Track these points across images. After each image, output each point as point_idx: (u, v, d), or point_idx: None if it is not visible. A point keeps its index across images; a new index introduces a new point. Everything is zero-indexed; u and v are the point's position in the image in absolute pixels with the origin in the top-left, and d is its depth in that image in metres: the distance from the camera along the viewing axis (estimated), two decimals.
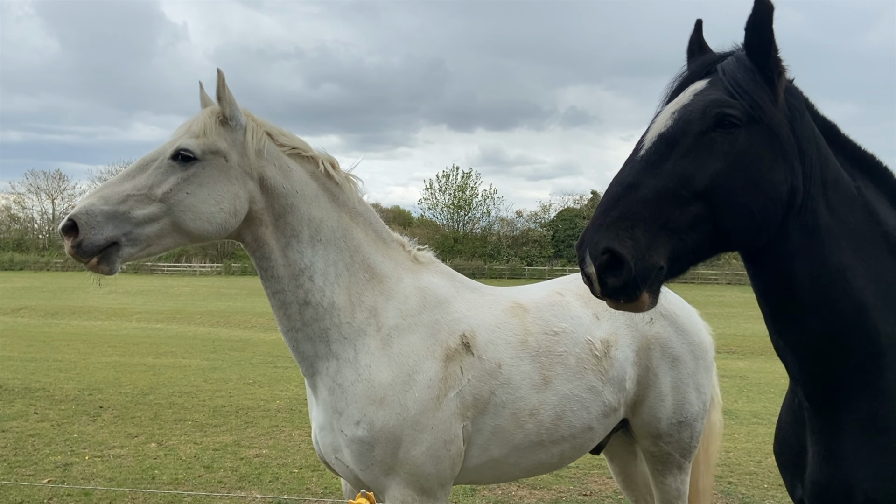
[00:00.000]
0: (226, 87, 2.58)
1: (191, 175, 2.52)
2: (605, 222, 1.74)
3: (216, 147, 2.56)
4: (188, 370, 12.92)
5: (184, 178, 2.52)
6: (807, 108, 1.99)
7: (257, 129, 2.64)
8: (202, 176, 2.53)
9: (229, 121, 2.61)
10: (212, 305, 30.78)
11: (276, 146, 2.69)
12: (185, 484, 6.03)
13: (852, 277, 1.95)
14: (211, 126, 2.58)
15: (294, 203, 2.69)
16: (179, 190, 2.51)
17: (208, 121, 2.59)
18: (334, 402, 2.79)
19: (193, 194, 2.51)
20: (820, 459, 2.07)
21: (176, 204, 2.50)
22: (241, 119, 2.63)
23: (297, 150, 2.75)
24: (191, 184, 2.52)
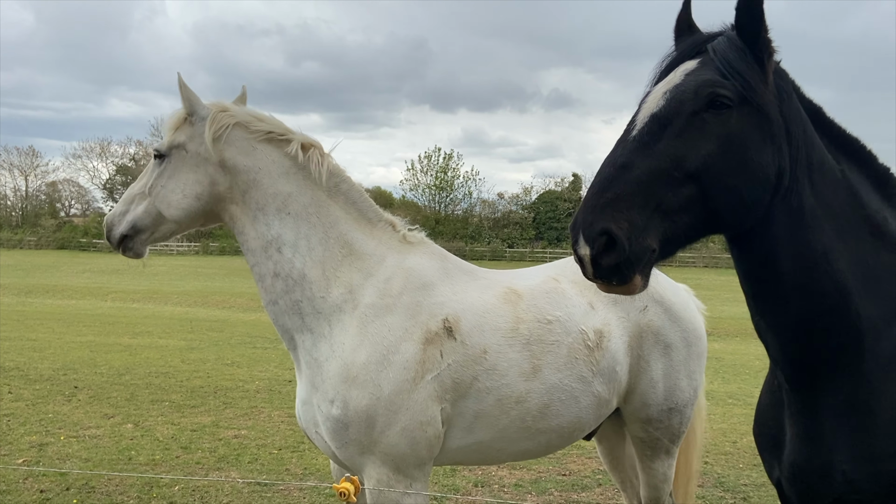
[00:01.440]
0: (184, 87, 2.91)
1: (163, 170, 2.92)
2: (598, 203, 1.71)
3: (177, 142, 2.91)
4: (165, 350, 12.80)
5: (159, 174, 2.93)
6: (794, 91, 1.98)
7: (219, 119, 2.87)
8: (170, 168, 2.91)
9: (190, 116, 2.92)
10: (189, 285, 30.49)
11: (243, 131, 2.89)
12: (162, 465, 5.98)
13: (835, 260, 1.95)
14: (175, 123, 2.94)
15: (256, 178, 2.87)
16: (157, 184, 2.92)
17: (173, 119, 2.96)
18: (312, 377, 2.85)
19: (165, 186, 2.91)
20: (798, 440, 2.09)
21: (156, 196, 2.91)
22: (203, 112, 2.90)
23: (272, 133, 2.91)
24: (163, 177, 2.92)
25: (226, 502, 5.16)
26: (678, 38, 2.06)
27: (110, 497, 5.19)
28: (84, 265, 42.29)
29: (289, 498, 5.27)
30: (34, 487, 5.31)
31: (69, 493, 5.22)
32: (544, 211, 58.82)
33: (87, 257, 50.04)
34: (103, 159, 69.62)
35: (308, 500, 5.25)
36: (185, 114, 2.92)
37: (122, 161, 69.13)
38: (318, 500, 5.25)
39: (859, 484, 1.93)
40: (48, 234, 60.71)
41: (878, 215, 2.02)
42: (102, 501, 5.10)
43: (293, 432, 7.17)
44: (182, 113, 2.93)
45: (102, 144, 69.86)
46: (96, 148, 69.46)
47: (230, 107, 2.93)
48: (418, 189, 62.97)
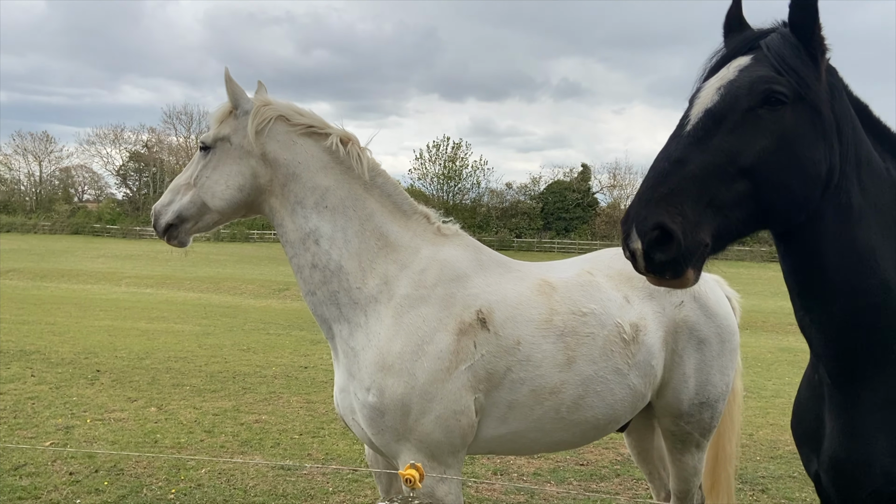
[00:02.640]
0: (230, 81, 2.98)
1: (208, 161, 3.01)
2: (653, 197, 1.73)
3: (222, 134, 2.99)
4: (182, 335, 12.94)
5: (204, 165, 3.01)
6: (843, 88, 2.00)
7: (261, 112, 2.94)
8: (214, 160, 2.99)
9: (235, 110, 3.00)
10: (201, 271, 30.66)
11: (284, 125, 2.95)
12: (187, 448, 6.08)
13: (881, 258, 1.97)
14: (220, 116, 3.03)
15: (296, 172, 2.92)
16: (202, 175, 3.00)
17: (219, 113, 3.05)
18: (349, 365, 2.90)
19: (209, 177, 2.99)
20: (839, 435, 2.11)
21: (201, 187, 3.00)
22: (247, 106, 2.97)
23: (313, 127, 2.97)
24: (207, 168, 3.00)
25: (252, 485, 5.25)
26: (728, 35, 2.07)
27: (139, 479, 5.29)
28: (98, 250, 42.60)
29: (312, 482, 5.36)
30: (63, 470, 5.41)
31: (98, 476, 5.33)
32: (552, 201, 58.63)
33: (100, 242, 50.40)
34: (116, 146, 69.91)
35: (332, 484, 5.33)
36: (231, 107, 3.00)
37: (134, 148, 69.39)
38: (340, 484, 5.33)
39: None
40: (62, 219, 61.11)
41: None
42: (132, 483, 5.20)
43: (312, 418, 7.27)
44: (227, 106, 3.01)
45: (115, 131, 70.13)
46: (109, 134, 69.75)
47: (273, 101, 2.99)
48: (426, 178, 62.92)
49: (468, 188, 62.80)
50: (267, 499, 5.01)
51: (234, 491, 5.13)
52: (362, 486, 5.31)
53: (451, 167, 62.31)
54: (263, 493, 5.09)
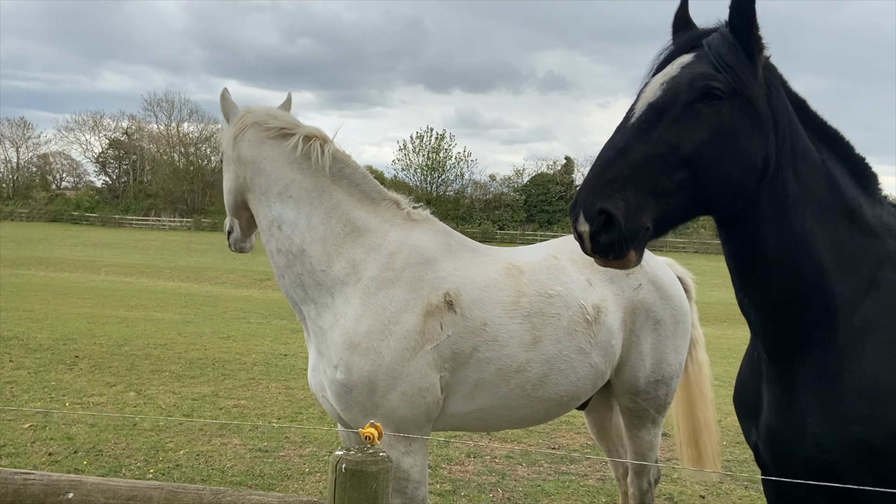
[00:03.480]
0: (224, 100, 3.34)
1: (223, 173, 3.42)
2: (598, 184, 1.87)
3: (220, 148, 3.39)
4: (161, 323, 12.96)
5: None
6: (781, 84, 2.15)
7: (240, 121, 3.22)
8: (223, 172, 3.36)
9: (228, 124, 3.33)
10: (182, 261, 30.56)
11: (257, 129, 3.19)
12: (166, 431, 6.18)
13: (814, 242, 2.13)
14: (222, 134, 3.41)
15: (262, 166, 3.15)
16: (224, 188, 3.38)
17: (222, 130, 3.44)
18: (318, 344, 3.06)
19: (224, 187, 3.38)
20: (775, 407, 2.28)
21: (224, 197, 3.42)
22: (233, 119, 3.28)
23: (283, 129, 3.19)
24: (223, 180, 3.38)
25: (229, 466, 5.36)
26: (675, 33, 2.21)
27: (118, 460, 5.38)
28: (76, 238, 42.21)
29: (289, 463, 5.48)
30: (42, 451, 5.49)
31: (77, 456, 5.41)
32: (536, 194, 58.92)
33: (78, 230, 49.90)
34: (96, 133, 68.96)
35: (308, 465, 5.46)
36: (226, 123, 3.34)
37: (114, 135, 68.53)
38: (317, 465, 5.46)
39: (828, 445, 2.11)
40: (40, 206, 60.37)
41: (853, 202, 2.20)
42: (110, 464, 5.29)
43: (291, 403, 7.38)
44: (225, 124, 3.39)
45: (95, 118, 69.12)
46: (89, 121, 68.74)
47: (254, 109, 3.24)
48: (410, 169, 62.88)
49: (452, 180, 62.91)
50: (244, 479, 5.12)
51: (211, 471, 5.24)
52: None
53: (434, 158, 62.33)
54: (241, 474, 5.21)
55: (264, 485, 5.05)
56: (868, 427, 2.05)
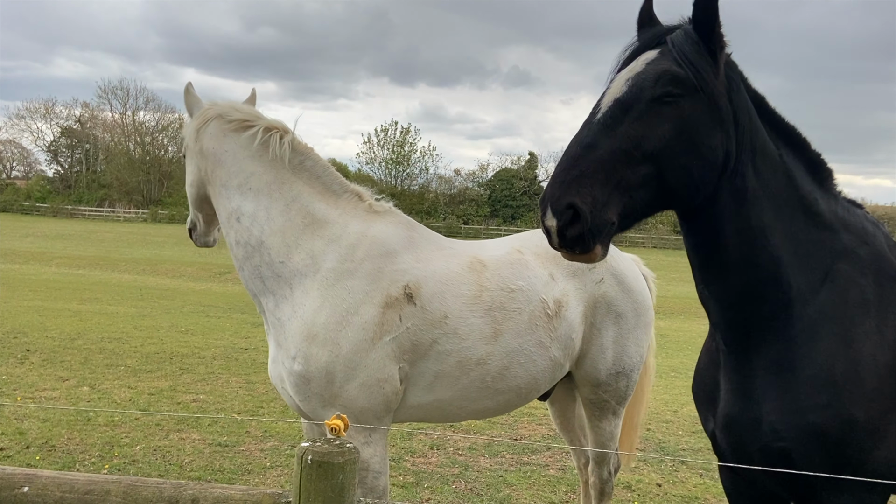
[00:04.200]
0: (187, 94, 3.32)
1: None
2: (565, 179, 1.89)
3: (185, 142, 3.34)
4: (116, 317, 12.66)
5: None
6: (742, 81, 2.20)
7: (203, 115, 3.22)
8: (186, 165, 3.36)
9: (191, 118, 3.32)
10: (137, 253, 29.88)
11: (219, 121, 3.19)
12: (121, 426, 6.04)
13: (771, 235, 2.19)
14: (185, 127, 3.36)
15: (222, 158, 3.15)
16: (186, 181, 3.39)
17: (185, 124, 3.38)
18: (277, 336, 3.06)
19: (186, 180, 3.37)
20: (732, 396, 2.34)
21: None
22: (197, 112, 3.28)
23: (246, 122, 3.19)
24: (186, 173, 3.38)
25: (188, 461, 5.28)
26: (640, 29, 2.24)
27: (72, 455, 5.25)
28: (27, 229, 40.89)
29: (250, 458, 5.42)
30: None
31: (30, 452, 5.26)
32: (500, 188, 59.15)
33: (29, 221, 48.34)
34: (48, 120, 66.68)
35: (269, 460, 5.40)
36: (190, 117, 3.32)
37: (67, 123, 66.46)
38: (278, 459, 5.41)
39: (783, 434, 2.18)
40: None
41: (809, 196, 2.27)
42: (64, 459, 5.16)
43: (252, 397, 7.29)
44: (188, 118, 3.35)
45: (47, 105, 66.75)
46: (40, 108, 66.35)
47: (217, 103, 3.24)
48: (374, 163, 62.52)
49: (416, 174, 62.71)
50: (203, 474, 5.05)
51: (169, 466, 5.15)
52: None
53: (399, 152, 62.07)
54: (200, 469, 5.13)
55: (224, 479, 4.98)
56: (823, 415, 2.12)
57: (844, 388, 2.13)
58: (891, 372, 2.16)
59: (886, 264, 2.32)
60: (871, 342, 2.18)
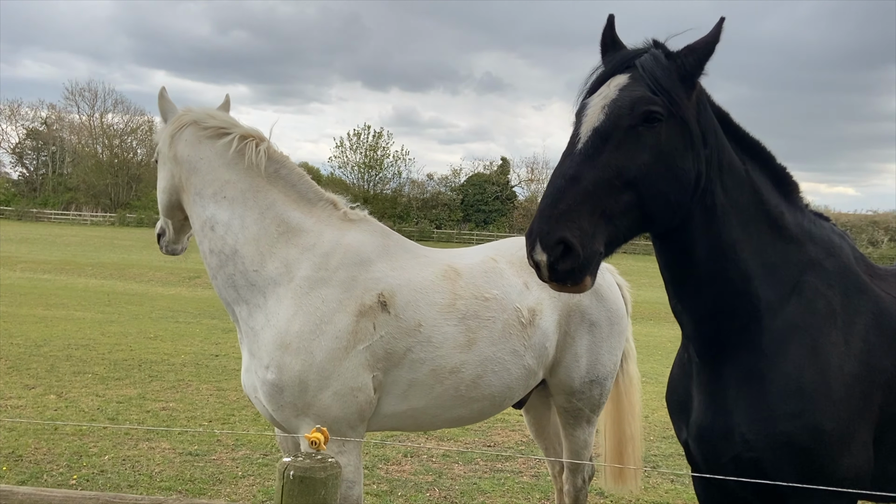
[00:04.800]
0: (161, 98, 3.31)
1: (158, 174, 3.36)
2: (553, 213, 1.90)
3: (157, 147, 3.34)
4: (83, 323, 12.42)
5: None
6: (707, 100, 2.25)
7: (178, 120, 3.21)
8: (158, 171, 3.33)
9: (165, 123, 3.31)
10: (105, 257, 29.35)
11: (194, 128, 3.18)
12: (89, 435, 5.93)
13: (741, 250, 2.24)
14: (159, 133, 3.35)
15: (197, 166, 3.14)
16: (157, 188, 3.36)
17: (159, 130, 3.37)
18: (250, 345, 3.06)
19: (158, 187, 3.36)
20: (704, 407, 2.39)
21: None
22: (171, 118, 3.27)
23: (221, 129, 3.18)
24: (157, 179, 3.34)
25: (158, 471, 5.20)
26: (605, 53, 2.26)
27: (39, 465, 5.14)
28: None
29: (221, 467, 5.36)
30: None
31: None
32: (472, 193, 59.32)
33: None
34: (12, 122, 65.10)
35: (241, 469, 5.35)
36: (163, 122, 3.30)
37: (32, 125, 65.01)
38: (250, 468, 5.36)
39: (754, 443, 2.23)
40: None
41: (776, 210, 2.33)
42: (31, 469, 5.05)
43: (222, 405, 7.21)
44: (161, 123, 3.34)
45: (12, 106, 65.19)
46: (5, 110, 64.69)
47: (193, 109, 3.22)
48: (347, 167, 62.30)
49: (389, 178, 62.62)
50: (174, 483, 4.98)
51: (139, 477, 5.07)
52: (273, 469, 5.36)
53: (372, 156, 61.92)
54: (170, 479, 5.06)
55: (195, 489, 4.92)
56: (792, 424, 2.18)
57: (813, 398, 2.19)
58: (856, 381, 2.23)
59: (852, 276, 2.39)
60: (837, 352, 2.25)
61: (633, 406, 4.10)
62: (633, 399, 4.10)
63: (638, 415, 4.15)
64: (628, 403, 4.05)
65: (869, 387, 2.24)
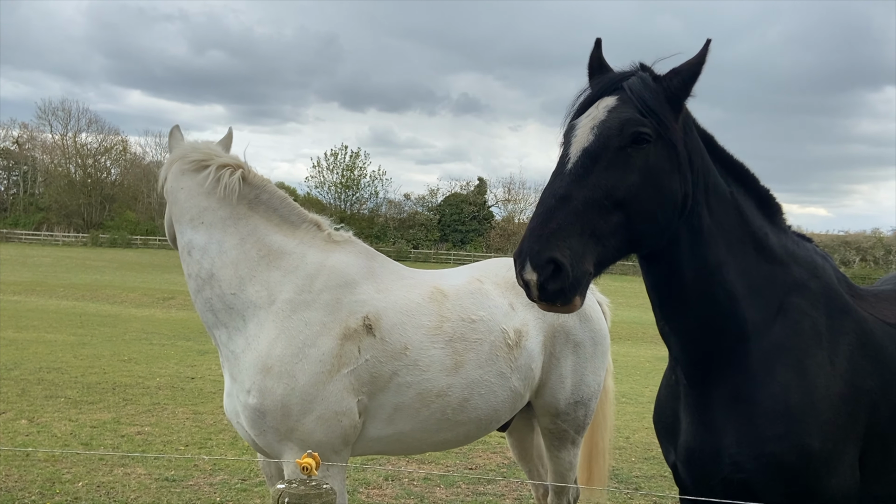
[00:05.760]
0: (170, 136, 3.42)
1: None
2: (544, 233, 1.90)
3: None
4: (55, 345, 12.16)
5: None
6: (693, 123, 2.28)
7: (170, 157, 3.31)
8: None
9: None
10: (77, 278, 28.85)
11: (180, 162, 3.23)
12: (63, 461, 5.77)
13: (727, 272, 2.26)
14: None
15: (177, 196, 3.20)
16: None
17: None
18: (231, 369, 3.02)
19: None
20: (693, 429, 2.39)
21: None
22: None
23: (201, 161, 3.21)
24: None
25: (133, 497, 5.07)
26: (592, 75, 2.28)
27: (10, 493, 4.98)
28: None
29: (199, 493, 5.24)
30: None
31: None
32: (449, 213, 59.49)
33: None
34: None
35: (219, 494, 5.23)
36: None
37: (4, 144, 63.95)
38: (229, 494, 5.25)
39: (744, 465, 2.23)
40: None
41: (760, 231, 2.35)
42: (3, 498, 4.89)
43: (199, 429, 7.08)
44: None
45: None
46: None
47: (185, 145, 3.30)
48: (324, 187, 62.22)
49: (366, 198, 62.64)
50: None
51: (114, 503, 4.94)
52: (251, 495, 5.25)
53: (349, 176, 61.92)
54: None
55: None
56: (780, 445, 2.18)
57: (800, 419, 2.20)
58: (843, 402, 2.25)
59: (836, 296, 2.42)
60: (823, 373, 2.26)
61: (607, 419, 4.12)
62: (607, 412, 4.12)
63: (611, 428, 4.18)
64: (602, 417, 4.06)
65: (855, 407, 2.26)
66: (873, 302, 2.56)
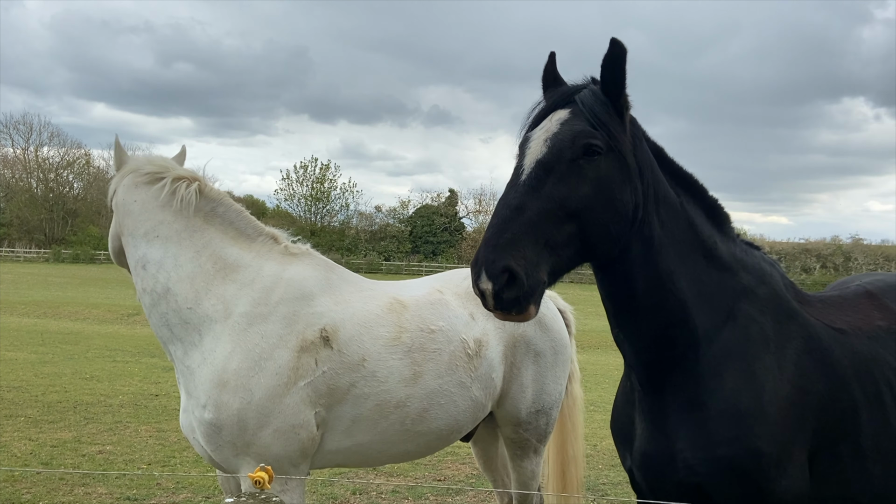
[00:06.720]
0: (116, 148, 3.32)
1: None
2: (499, 242, 1.94)
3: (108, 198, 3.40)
4: (14, 364, 11.86)
5: None
6: (643, 136, 2.34)
7: (122, 171, 3.27)
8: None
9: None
10: (38, 295, 28.18)
11: (133, 175, 3.21)
12: (22, 481, 5.63)
13: (678, 280, 2.32)
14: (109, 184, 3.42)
15: (131, 209, 3.17)
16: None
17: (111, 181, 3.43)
18: (186, 384, 3.00)
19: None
20: (647, 434, 2.43)
21: None
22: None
23: (156, 174, 3.20)
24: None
25: None
26: (546, 88, 2.34)
27: None
28: None
29: None
30: None
31: None
32: (421, 225, 59.49)
33: None
34: None
35: None
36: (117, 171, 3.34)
37: None
38: None
39: (697, 468, 2.28)
40: None
41: (709, 240, 2.42)
42: None
43: (162, 447, 6.96)
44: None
45: None
46: None
47: (138, 158, 3.28)
48: (294, 199, 61.80)
49: (337, 210, 62.35)
50: None
51: None
52: None
53: (319, 189, 61.61)
54: None
55: None
56: (731, 448, 2.24)
57: (750, 422, 2.25)
58: (790, 405, 2.31)
59: (783, 302, 2.49)
60: (771, 377, 2.33)
61: (577, 427, 4.14)
62: (577, 420, 4.14)
63: (581, 436, 4.20)
64: (571, 425, 4.09)
65: (802, 410, 2.32)
66: (820, 307, 2.63)
